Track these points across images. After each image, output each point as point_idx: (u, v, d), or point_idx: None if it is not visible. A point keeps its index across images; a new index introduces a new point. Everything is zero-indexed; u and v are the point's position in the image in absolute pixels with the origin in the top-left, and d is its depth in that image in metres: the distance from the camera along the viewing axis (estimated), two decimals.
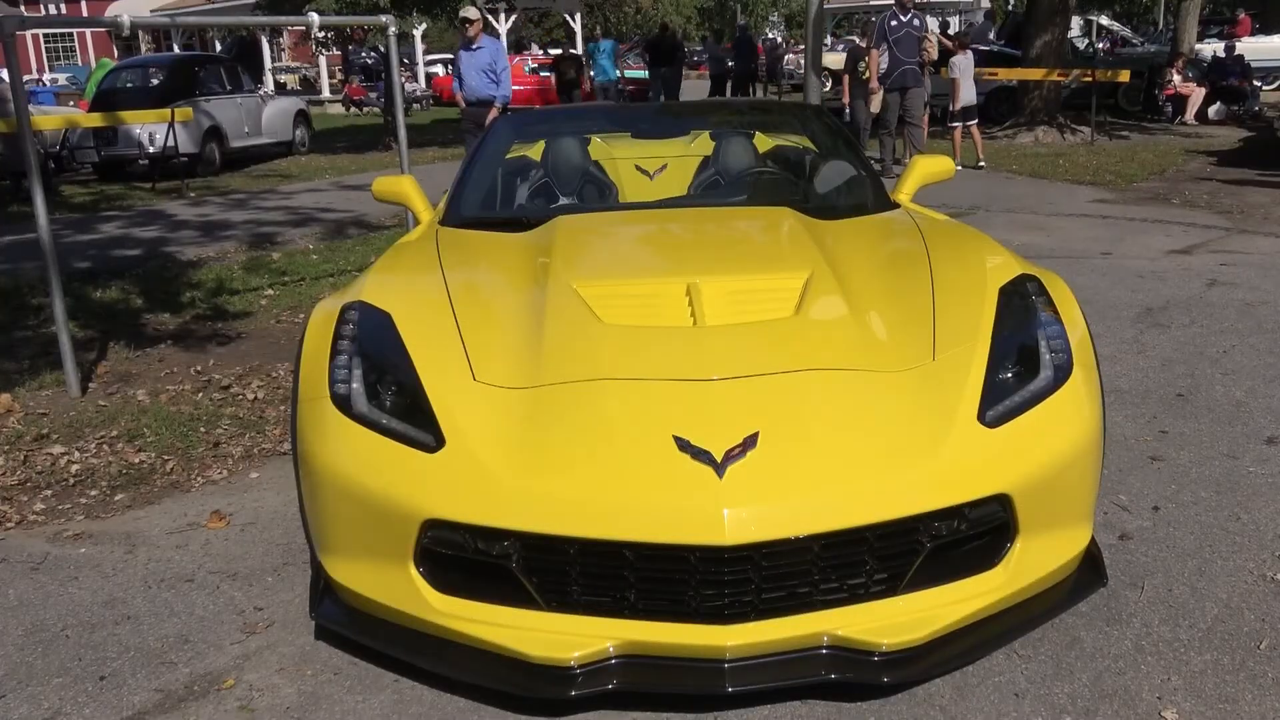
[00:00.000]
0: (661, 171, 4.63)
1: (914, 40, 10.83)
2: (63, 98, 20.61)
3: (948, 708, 2.25)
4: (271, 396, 4.53)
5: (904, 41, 10.75)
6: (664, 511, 2.12)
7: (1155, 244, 7.31)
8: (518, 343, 2.59)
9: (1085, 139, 14.09)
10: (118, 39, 30.22)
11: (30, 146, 4.42)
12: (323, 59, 28.79)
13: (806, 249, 3.02)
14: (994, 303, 2.67)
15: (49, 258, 4.54)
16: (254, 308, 6.19)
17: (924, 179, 4.00)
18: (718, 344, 2.51)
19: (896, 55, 10.75)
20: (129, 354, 5.20)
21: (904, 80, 10.80)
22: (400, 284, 3.03)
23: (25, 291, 6.61)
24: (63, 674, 2.50)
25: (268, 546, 3.15)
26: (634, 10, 41.17)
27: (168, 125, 12.23)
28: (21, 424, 4.21)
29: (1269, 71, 20.18)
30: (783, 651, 2.18)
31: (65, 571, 3.03)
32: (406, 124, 6.70)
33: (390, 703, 2.34)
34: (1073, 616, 2.56)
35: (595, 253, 3.26)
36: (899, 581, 2.25)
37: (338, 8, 15.90)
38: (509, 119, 4.69)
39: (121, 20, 4.79)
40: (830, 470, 2.20)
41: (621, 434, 2.27)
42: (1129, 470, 3.47)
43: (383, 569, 2.35)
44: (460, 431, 2.33)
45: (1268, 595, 2.67)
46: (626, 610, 2.20)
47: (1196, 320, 5.28)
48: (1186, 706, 2.24)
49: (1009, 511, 2.31)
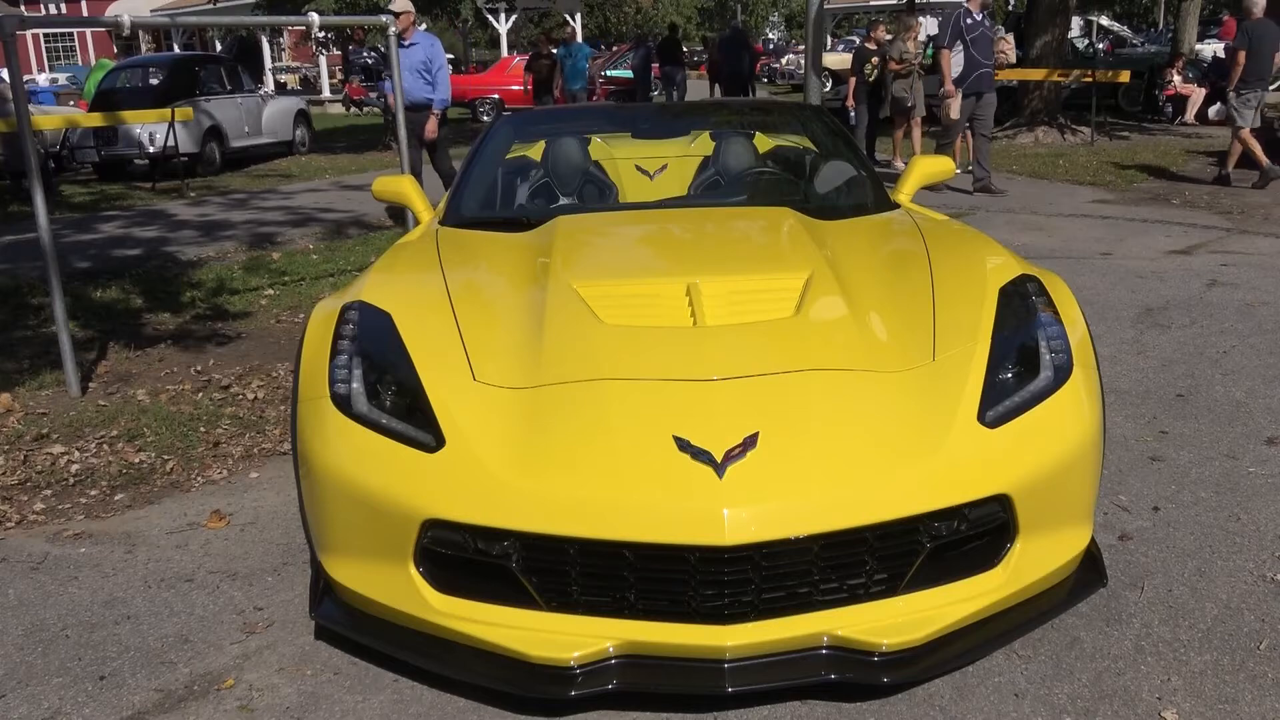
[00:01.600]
0: (662, 172, 4.63)
1: (988, 41, 9.80)
2: (63, 97, 20.61)
3: (948, 708, 2.25)
4: (271, 396, 4.53)
5: (980, 42, 9.62)
6: (664, 511, 2.12)
7: (1155, 244, 7.31)
8: (518, 343, 2.59)
9: (1085, 139, 14.08)
10: (118, 39, 30.26)
11: (30, 146, 4.42)
12: (323, 59, 28.78)
13: (806, 249, 3.02)
14: (994, 303, 2.67)
15: (49, 258, 4.54)
16: (254, 308, 6.19)
17: (924, 179, 4.00)
18: (718, 344, 2.51)
19: (973, 56, 9.63)
20: (129, 354, 5.20)
21: (980, 85, 9.70)
22: (400, 284, 3.03)
23: (25, 291, 6.60)
24: (62, 674, 2.50)
25: (268, 546, 3.15)
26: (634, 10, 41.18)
27: (168, 125, 12.22)
28: (21, 424, 4.21)
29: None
30: (782, 652, 2.18)
31: (65, 571, 3.03)
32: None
33: (390, 703, 2.34)
34: (1073, 616, 2.57)
35: (595, 253, 3.26)
36: (899, 582, 2.25)
37: (338, 8, 15.90)
38: (509, 119, 4.67)
39: (121, 20, 4.78)
40: (830, 470, 2.20)
41: (621, 434, 2.27)
42: (1129, 470, 3.47)
43: (382, 569, 2.35)
44: (460, 431, 2.33)
45: (1267, 595, 2.67)
46: (626, 610, 2.20)
47: (1196, 320, 5.28)
48: (1186, 707, 2.24)
49: (1009, 512, 2.31)
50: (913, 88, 11.31)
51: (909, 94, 11.31)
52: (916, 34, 11.70)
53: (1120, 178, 10.67)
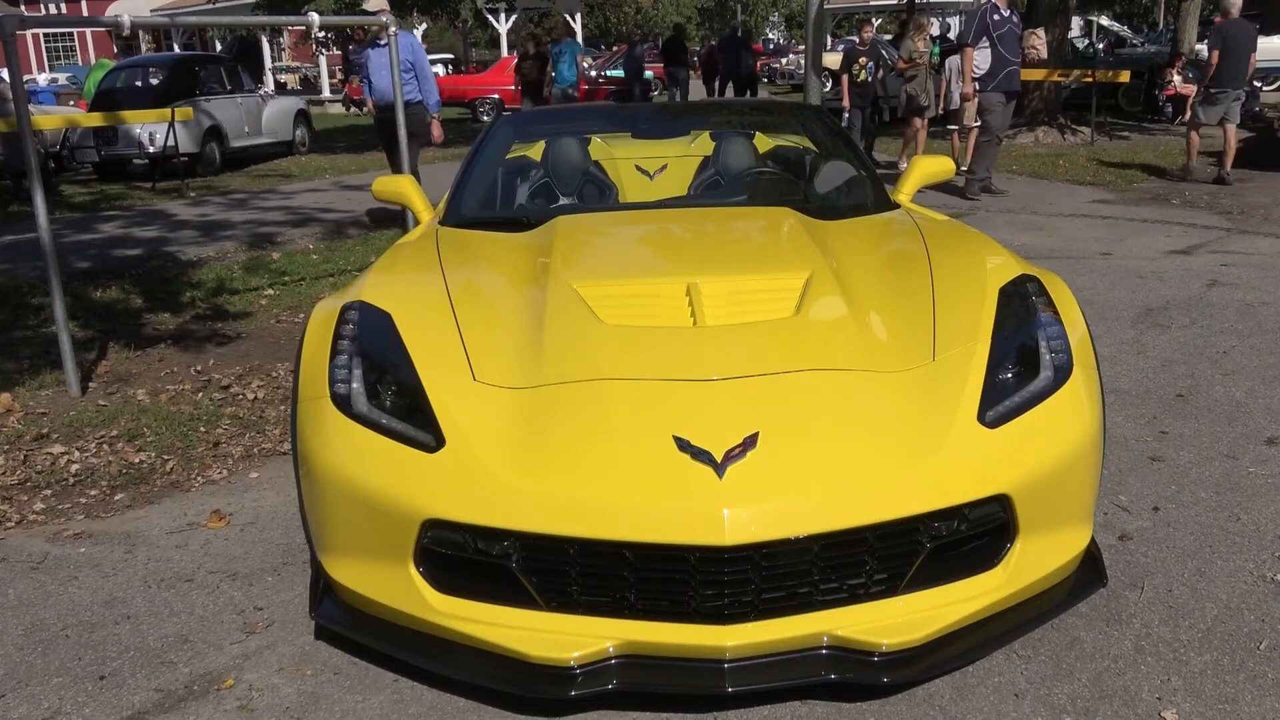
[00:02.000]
0: (662, 172, 4.63)
1: (1016, 37, 9.42)
2: (63, 97, 20.60)
3: (948, 708, 2.25)
4: (271, 396, 4.53)
5: (1007, 39, 9.25)
6: (664, 511, 2.12)
7: (1155, 244, 7.31)
8: (518, 343, 2.59)
9: (1085, 139, 14.09)
10: (118, 39, 30.23)
11: (30, 146, 4.42)
12: (323, 59, 28.80)
13: (806, 249, 3.02)
14: (994, 303, 2.67)
15: (49, 257, 4.54)
16: (254, 308, 6.18)
17: (924, 179, 4.00)
18: (718, 344, 2.51)
19: (1001, 53, 9.22)
20: (129, 354, 5.20)
21: (1010, 82, 9.34)
22: (400, 284, 3.03)
23: (25, 291, 6.60)
24: (62, 674, 2.50)
25: (267, 546, 3.15)
26: (634, 10, 41.18)
27: (168, 125, 12.22)
28: (21, 424, 4.21)
29: (1269, 71, 20.16)
30: (782, 652, 2.18)
31: (65, 571, 3.03)
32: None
33: (390, 703, 2.34)
34: (1073, 616, 2.57)
35: (595, 253, 3.26)
36: (899, 582, 2.25)
37: (338, 8, 15.90)
38: (509, 119, 4.67)
39: (121, 20, 4.78)
40: (830, 470, 2.20)
41: (621, 434, 2.27)
42: (1129, 470, 3.47)
43: (382, 569, 2.35)
44: (460, 431, 2.33)
45: (1267, 596, 2.67)
46: (626, 610, 2.20)
47: (1196, 321, 5.28)
48: (1186, 707, 2.24)
49: (1009, 512, 2.31)
50: (925, 86, 11.18)
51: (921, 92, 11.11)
52: (927, 33, 11.59)
53: (1120, 178, 10.67)
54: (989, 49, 9.28)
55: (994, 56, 9.28)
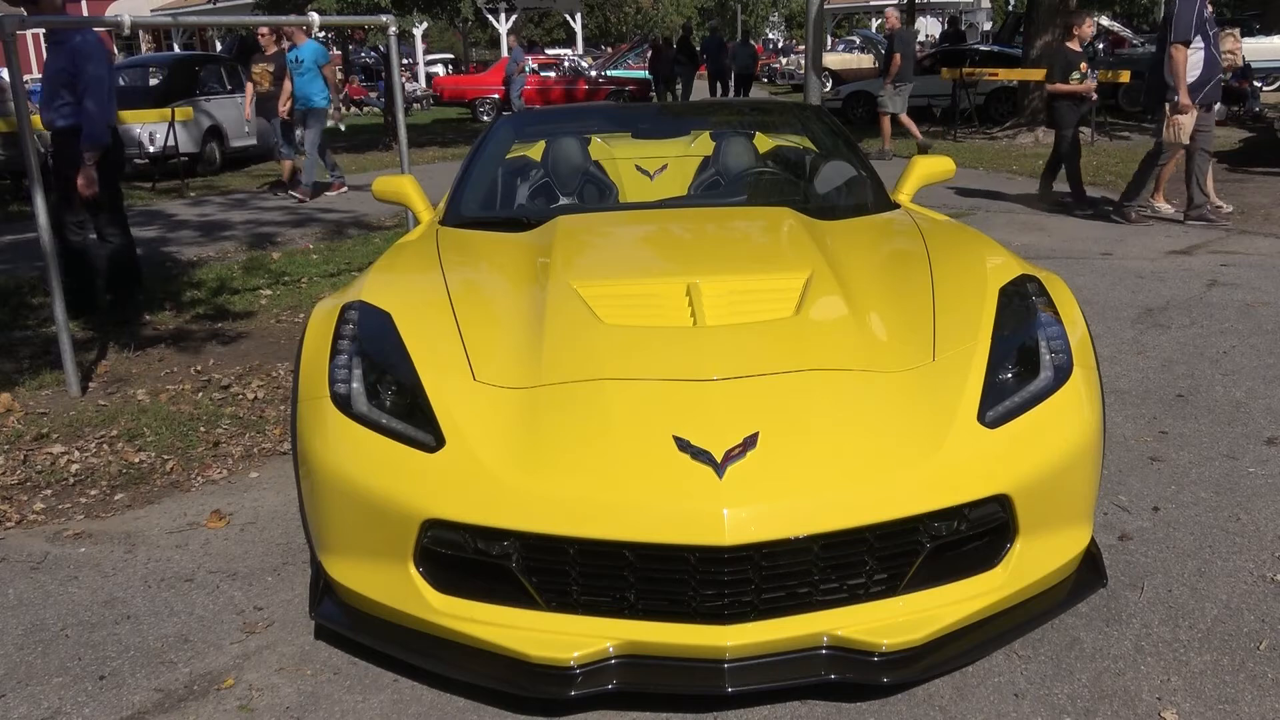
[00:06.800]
0: (662, 171, 4.63)
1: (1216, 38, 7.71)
2: None
3: (948, 708, 2.25)
4: (271, 396, 4.53)
5: (1215, 39, 7.58)
6: (664, 512, 2.12)
7: (1155, 244, 7.30)
8: (518, 343, 2.59)
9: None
10: (118, 39, 30.22)
11: (30, 146, 4.42)
12: None
13: (806, 249, 3.02)
14: (994, 303, 2.67)
15: (49, 257, 4.54)
16: (254, 308, 6.18)
17: (924, 179, 4.00)
18: (717, 344, 2.51)
19: (1214, 55, 7.47)
20: (129, 354, 5.20)
21: (1217, 93, 7.65)
22: (400, 284, 3.03)
23: (25, 291, 6.60)
24: (62, 673, 2.50)
25: (267, 546, 3.15)
26: (634, 10, 41.17)
27: (168, 125, 12.22)
28: (21, 423, 4.21)
29: (1269, 72, 20.17)
30: (782, 652, 2.18)
31: (65, 571, 3.03)
32: (407, 124, 6.70)
33: (390, 703, 2.34)
34: (1073, 616, 2.57)
35: (595, 253, 3.26)
36: (899, 582, 2.25)
37: (338, 8, 15.88)
38: (509, 119, 4.67)
39: (121, 20, 4.78)
40: (830, 470, 2.20)
41: (621, 434, 2.27)
42: (1129, 470, 3.47)
43: (382, 569, 2.35)
44: (460, 431, 2.33)
45: (1267, 596, 2.67)
46: (626, 610, 2.20)
47: (1196, 321, 5.28)
48: (1186, 707, 2.24)
49: (1009, 512, 2.31)
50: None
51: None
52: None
53: (1120, 178, 10.65)
54: (1203, 50, 7.42)
55: (1206, 59, 7.43)
